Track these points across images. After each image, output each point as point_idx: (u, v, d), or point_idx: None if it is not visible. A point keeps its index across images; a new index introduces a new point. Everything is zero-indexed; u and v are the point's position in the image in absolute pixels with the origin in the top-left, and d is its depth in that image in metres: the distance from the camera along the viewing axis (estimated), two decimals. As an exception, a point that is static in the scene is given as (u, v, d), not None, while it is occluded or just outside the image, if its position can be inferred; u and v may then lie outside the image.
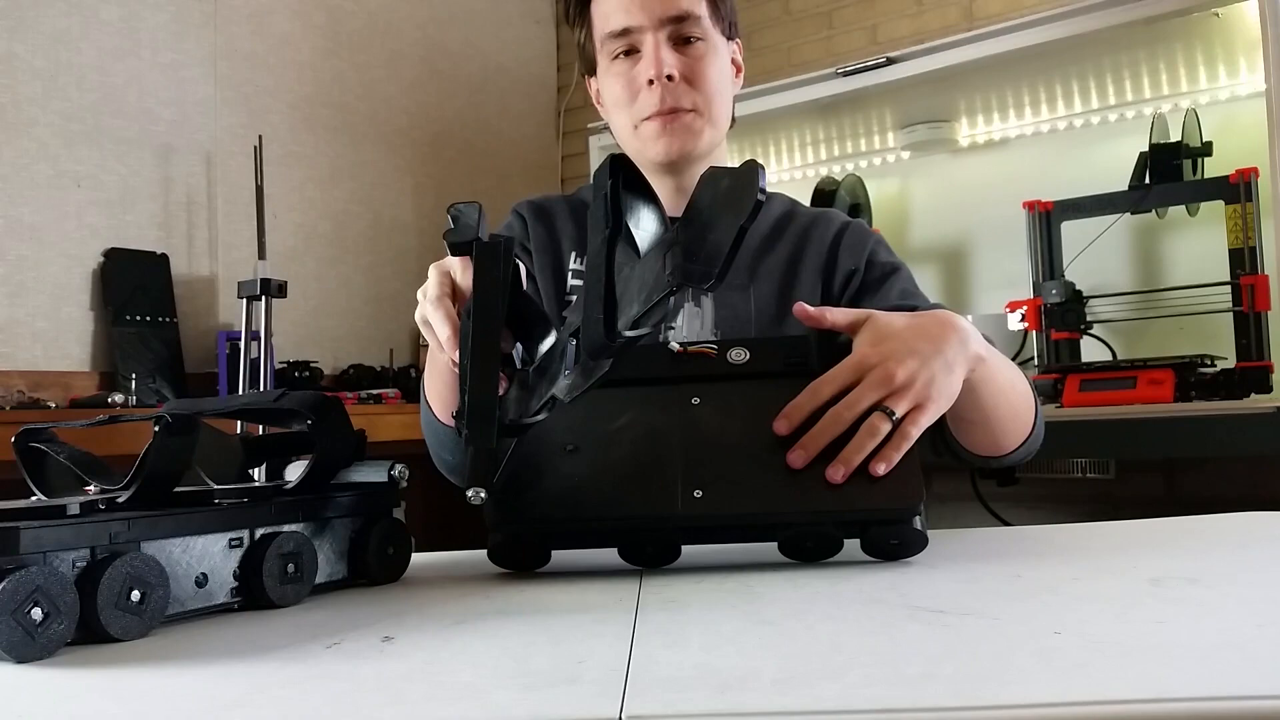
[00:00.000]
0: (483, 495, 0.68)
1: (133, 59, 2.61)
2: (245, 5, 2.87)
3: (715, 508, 0.73)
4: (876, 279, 1.15)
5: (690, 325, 1.14)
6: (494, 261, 0.69)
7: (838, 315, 0.81)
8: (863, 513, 0.73)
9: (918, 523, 0.74)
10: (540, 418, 0.67)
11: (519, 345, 0.73)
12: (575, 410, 0.75)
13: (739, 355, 0.79)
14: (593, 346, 0.62)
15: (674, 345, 0.82)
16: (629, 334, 0.61)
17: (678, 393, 0.78)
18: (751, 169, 0.57)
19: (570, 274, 1.19)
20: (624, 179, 0.66)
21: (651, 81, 1.09)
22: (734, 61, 1.19)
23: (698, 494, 0.73)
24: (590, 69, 1.19)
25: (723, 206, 0.59)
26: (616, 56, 1.12)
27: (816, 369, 0.78)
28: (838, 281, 1.15)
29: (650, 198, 0.68)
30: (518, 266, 0.72)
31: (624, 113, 1.13)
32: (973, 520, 2.33)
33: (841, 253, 1.16)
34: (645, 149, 1.13)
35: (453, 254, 0.73)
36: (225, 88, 2.81)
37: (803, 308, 0.81)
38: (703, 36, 1.11)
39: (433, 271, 0.78)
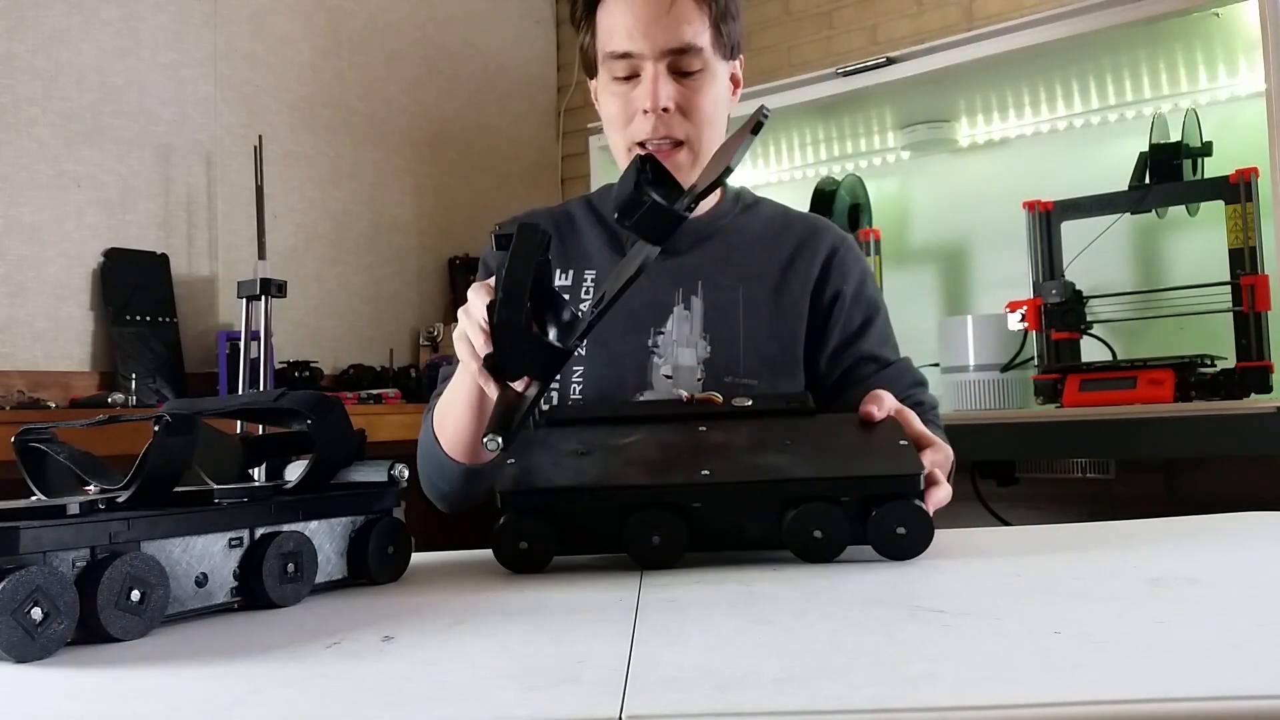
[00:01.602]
0: (499, 441, 0.71)
1: (133, 59, 2.61)
2: (245, 5, 2.87)
3: (722, 478, 0.77)
4: (860, 320, 1.18)
5: (680, 329, 1.14)
6: (532, 235, 0.76)
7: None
8: (867, 480, 0.76)
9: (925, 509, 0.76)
10: (576, 345, 0.77)
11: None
12: (586, 430, 0.84)
13: (743, 402, 0.87)
14: (622, 203, 0.74)
15: (681, 393, 0.93)
16: (655, 196, 0.74)
17: (686, 424, 0.85)
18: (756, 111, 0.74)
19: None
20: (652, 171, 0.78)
21: (647, 111, 1.10)
22: (733, 78, 1.19)
23: (705, 472, 0.77)
24: (591, 72, 1.20)
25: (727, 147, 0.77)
26: (616, 77, 1.13)
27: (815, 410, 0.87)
28: (826, 297, 1.18)
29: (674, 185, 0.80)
30: (549, 262, 0.79)
31: (618, 133, 1.15)
32: (973, 520, 2.33)
33: (833, 271, 1.19)
34: None
35: (497, 247, 0.79)
36: (225, 88, 2.81)
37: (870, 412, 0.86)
38: (703, 68, 1.12)
39: (471, 291, 0.87)
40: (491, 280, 0.84)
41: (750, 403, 0.87)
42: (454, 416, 1.06)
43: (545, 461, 0.81)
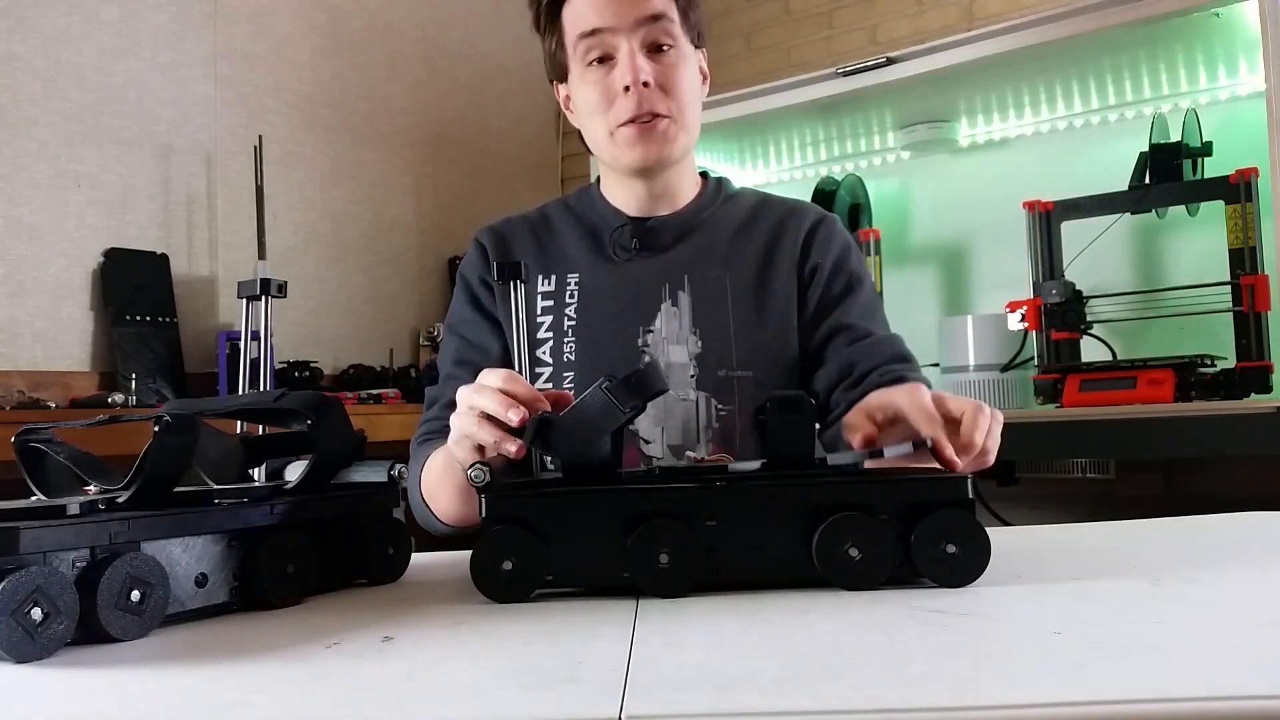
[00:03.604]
0: (486, 472, 0.68)
1: (133, 59, 2.61)
2: (245, 5, 2.87)
3: (740, 479, 0.71)
4: (839, 290, 1.17)
5: (669, 325, 1.14)
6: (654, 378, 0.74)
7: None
8: (906, 484, 0.69)
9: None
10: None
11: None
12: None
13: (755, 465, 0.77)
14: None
15: (690, 454, 0.89)
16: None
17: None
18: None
19: (539, 296, 1.18)
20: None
21: (628, 88, 1.09)
22: (700, 70, 1.19)
23: (720, 484, 0.71)
24: (560, 76, 1.19)
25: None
26: (590, 64, 1.12)
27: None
28: (806, 273, 1.17)
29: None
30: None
31: (600, 120, 1.13)
32: (973, 520, 2.32)
33: (813, 246, 1.18)
34: (621, 155, 1.13)
35: (498, 277, 0.82)
36: (225, 88, 2.81)
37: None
38: (673, 44, 1.12)
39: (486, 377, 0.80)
40: (504, 382, 0.79)
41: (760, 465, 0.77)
42: (445, 496, 1.07)
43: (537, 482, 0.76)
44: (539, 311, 1.17)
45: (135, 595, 0.59)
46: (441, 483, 1.07)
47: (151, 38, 2.65)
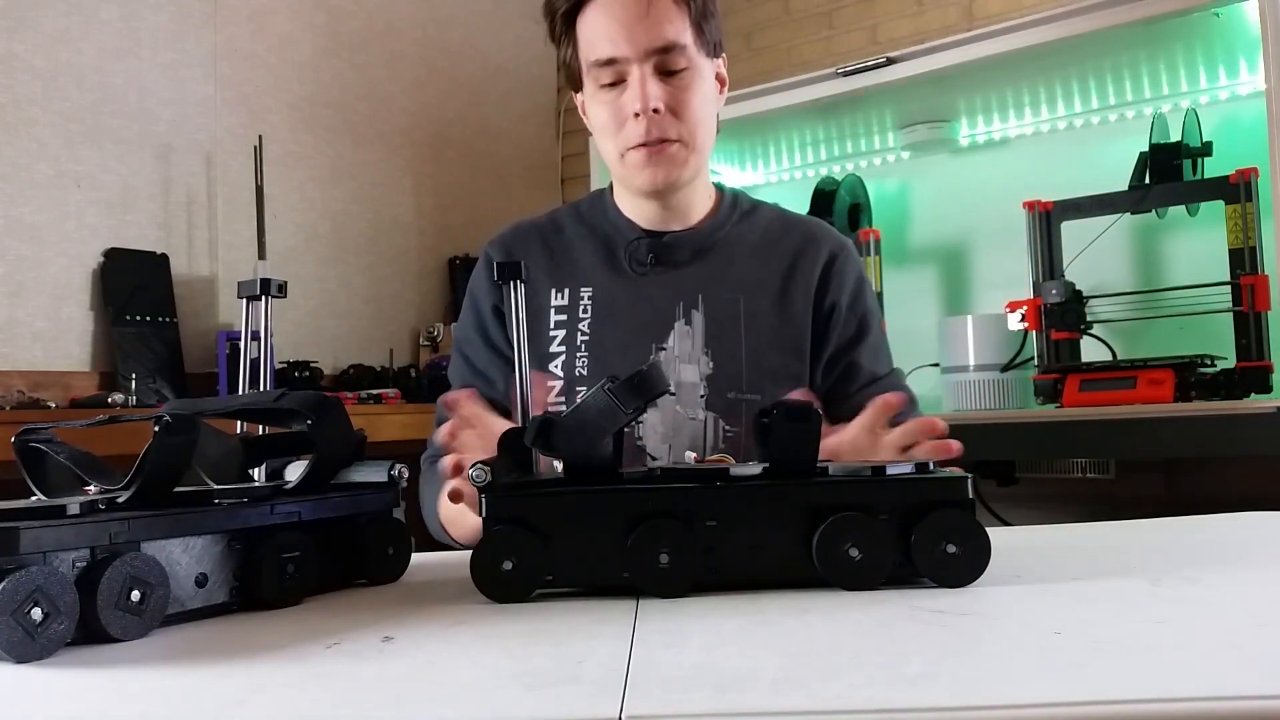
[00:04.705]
0: (486, 473, 0.68)
1: (133, 59, 2.61)
2: (245, 5, 2.87)
3: (739, 480, 0.70)
4: (853, 331, 1.19)
5: (681, 344, 1.14)
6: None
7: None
8: (907, 483, 0.68)
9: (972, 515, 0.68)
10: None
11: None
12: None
13: (756, 468, 0.74)
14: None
15: (690, 455, 0.92)
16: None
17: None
18: None
19: (552, 310, 1.17)
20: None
21: (638, 114, 1.09)
22: (718, 77, 1.19)
23: (720, 484, 0.71)
24: (575, 85, 1.19)
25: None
26: (603, 85, 1.12)
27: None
28: (825, 308, 1.18)
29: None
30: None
31: (610, 140, 1.14)
32: (973, 520, 2.32)
33: (832, 280, 1.19)
34: (631, 177, 1.14)
35: (498, 276, 0.81)
36: (225, 88, 2.81)
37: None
38: (688, 65, 1.11)
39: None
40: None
41: (762, 469, 0.75)
42: (468, 526, 1.06)
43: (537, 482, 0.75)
44: (551, 325, 1.17)
45: (135, 595, 0.59)
46: (465, 516, 1.07)
47: (151, 38, 2.65)
